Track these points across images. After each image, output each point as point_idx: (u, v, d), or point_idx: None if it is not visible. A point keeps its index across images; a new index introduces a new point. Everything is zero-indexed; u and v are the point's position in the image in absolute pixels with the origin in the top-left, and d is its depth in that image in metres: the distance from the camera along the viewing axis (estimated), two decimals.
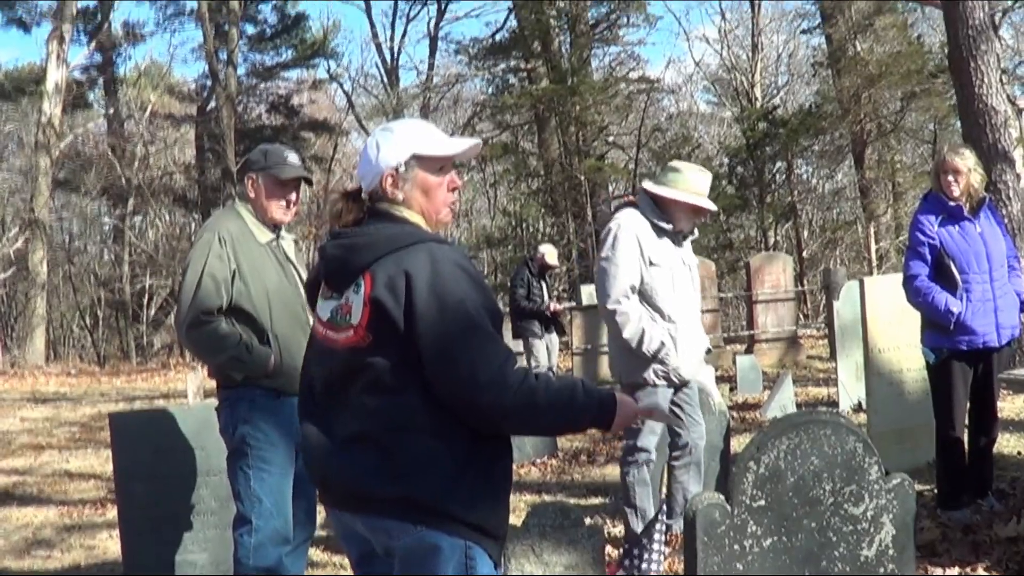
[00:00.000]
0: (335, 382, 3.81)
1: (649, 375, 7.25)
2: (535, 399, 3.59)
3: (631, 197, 7.71)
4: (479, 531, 3.67)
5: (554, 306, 16.35)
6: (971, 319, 7.50)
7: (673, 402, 7.46)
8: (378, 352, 3.67)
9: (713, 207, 7.62)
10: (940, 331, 7.60)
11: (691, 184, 7.35)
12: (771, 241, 38.41)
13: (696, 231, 7.80)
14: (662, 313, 7.26)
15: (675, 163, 7.74)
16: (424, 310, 3.58)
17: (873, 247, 29.92)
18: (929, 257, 7.63)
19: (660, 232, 7.33)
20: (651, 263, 7.23)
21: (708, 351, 7.88)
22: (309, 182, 6.70)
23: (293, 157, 6.38)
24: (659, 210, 7.36)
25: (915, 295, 7.68)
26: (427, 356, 3.59)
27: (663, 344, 7.16)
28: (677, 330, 7.28)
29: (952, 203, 7.64)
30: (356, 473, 3.69)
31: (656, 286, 7.24)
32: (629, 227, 7.27)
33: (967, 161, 7.71)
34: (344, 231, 3.86)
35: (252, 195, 6.22)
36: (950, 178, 7.66)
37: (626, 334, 7.15)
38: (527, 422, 3.72)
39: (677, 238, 7.45)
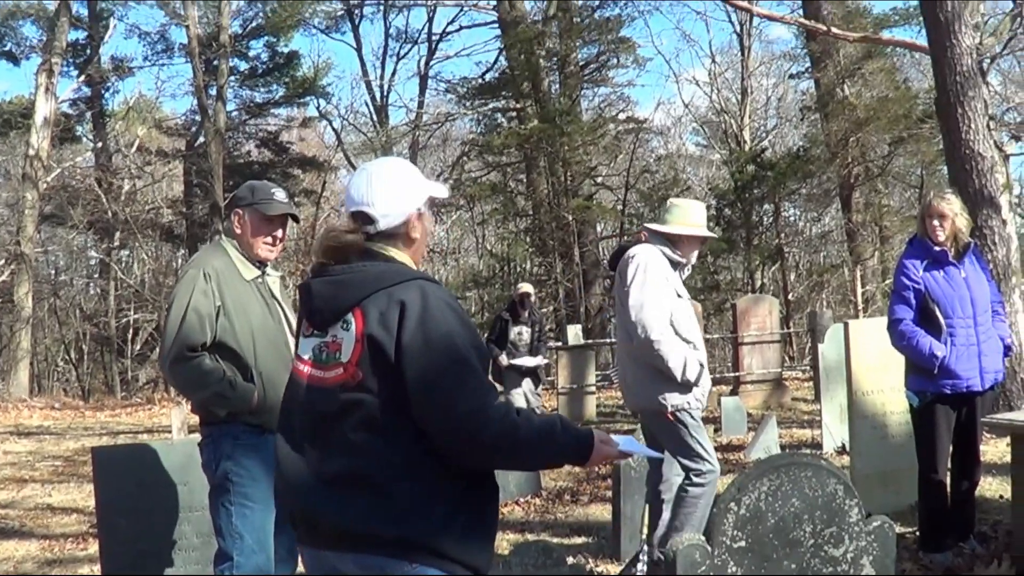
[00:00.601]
0: (322, 420, 3.77)
1: (691, 401, 7.38)
2: (516, 434, 3.61)
3: (642, 236, 7.81)
4: (471, 568, 3.69)
5: (508, 362, 15.85)
6: (955, 363, 7.53)
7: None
8: (370, 389, 3.67)
9: (714, 235, 7.81)
10: (924, 375, 7.62)
11: (694, 217, 7.64)
12: (758, 283, 38.48)
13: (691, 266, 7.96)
14: (692, 342, 7.45)
15: (673, 200, 7.98)
16: (410, 342, 3.60)
17: (859, 290, 29.99)
18: (914, 301, 7.67)
19: (675, 265, 7.59)
20: (677, 295, 7.46)
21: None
22: (296, 219, 6.71)
23: (280, 194, 6.39)
24: (671, 244, 7.57)
25: (900, 339, 7.71)
26: (412, 387, 3.59)
27: (702, 367, 7.37)
28: (701, 358, 7.47)
29: (937, 248, 7.68)
30: (351, 513, 3.65)
31: (680, 317, 7.43)
32: (656, 261, 7.45)
33: (953, 206, 7.75)
34: (331, 268, 3.84)
35: (238, 231, 6.24)
36: (936, 222, 7.70)
37: (672, 363, 7.25)
38: (508, 456, 3.74)
39: (680, 271, 7.67)
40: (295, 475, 3.81)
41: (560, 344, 24.48)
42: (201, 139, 41.99)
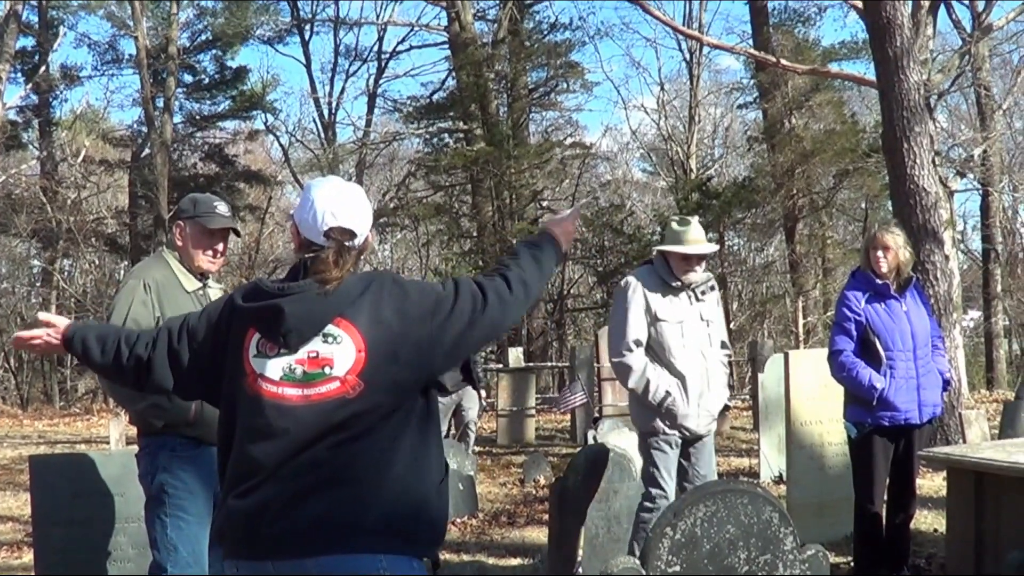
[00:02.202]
0: (318, 437, 3.72)
1: (658, 425, 7.51)
2: (527, 287, 4.00)
3: (650, 259, 7.93)
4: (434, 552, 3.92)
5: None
6: (894, 396, 7.59)
7: (681, 456, 7.67)
8: (370, 398, 3.71)
9: (706, 252, 7.79)
10: (863, 406, 7.68)
11: (681, 236, 7.64)
12: None
13: (716, 286, 8.03)
14: (670, 368, 7.50)
15: (672, 219, 8.09)
16: (420, 310, 3.79)
17: (801, 321, 30.11)
18: (855, 333, 7.73)
19: (670, 288, 7.65)
20: (657, 318, 7.51)
21: (726, 408, 8.03)
22: (237, 233, 6.69)
23: (223, 207, 6.39)
24: (668, 267, 7.65)
25: (839, 370, 7.77)
26: (453, 333, 3.83)
27: (668, 394, 7.41)
28: (688, 383, 7.50)
29: (880, 281, 7.75)
30: (336, 513, 3.67)
31: (663, 341, 7.52)
32: (636, 284, 7.61)
33: (898, 238, 7.83)
34: (291, 286, 3.83)
35: (180, 243, 6.24)
36: (879, 254, 7.77)
37: (630, 383, 7.46)
38: (531, 298, 4.06)
39: (695, 293, 7.69)
40: (258, 505, 3.74)
41: (501, 366, 24.48)
42: (147, 151, 41.74)
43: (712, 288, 7.85)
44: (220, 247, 6.36)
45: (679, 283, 7.60)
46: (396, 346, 3.72)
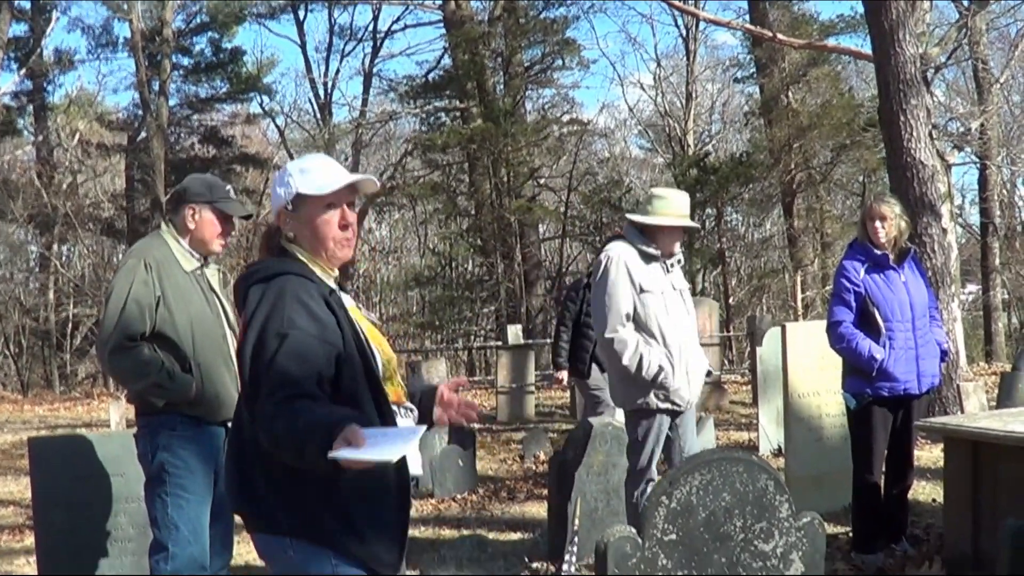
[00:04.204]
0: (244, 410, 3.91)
1: (651, 400, 7.43)
2: (274, 427, 3.62)
3: (618, 230, 7.86)
4: (344, 553, 3.86)
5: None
6: (893, 366, 7.60)
7: (670, 427, 7.62)
8: (241, 376, 3.86)
9: (696, 225, 7.78)
10: (862, 377, 7.69)
11: (675, 208, 7.59)
12: (699, 287, 38.54)
13: (683, 257, 7.94)
14: (657, 338, 7.43)
15: (656, 190, 7.96)
16: (247, 331, 3.78)
17: (799, 296, 30.10)
18: (854, 304, 7.73)
19: (649, 259, 7.54)
20: (642, 290, 7.43)
21: (709, 374, 8.00)
22: (250, 217, 6.75)
23: (232, 192, 6.47)
24: (645, 237, 7.57)
25: (839, 341, 7.77)
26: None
27: (661, 368, 7.35)
28: (674, 353, 7.44)
29: (878, 252, 7.74)
30: (239, 496, 3.96)
31: (649, 312, 7.44)
32: (618, 257, 7.49)
33: (894, 208, 7.83)
34: (250, 264, 4.05)
35: (191, 226, 6.24)
36: (877, 224, 7.76)
37: (625, 360, 7.34)
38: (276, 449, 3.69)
39: (666, 264, 7.62)
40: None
41: (500, 344, 24.52)
42: (143, 134, 41.66)
43: (679, 261, 7.84)
44: (230, 231, 6.41)
45: (658, 253, 7.56)
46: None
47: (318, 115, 46.14)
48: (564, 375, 12.49)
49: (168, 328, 5.99)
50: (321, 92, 46.33)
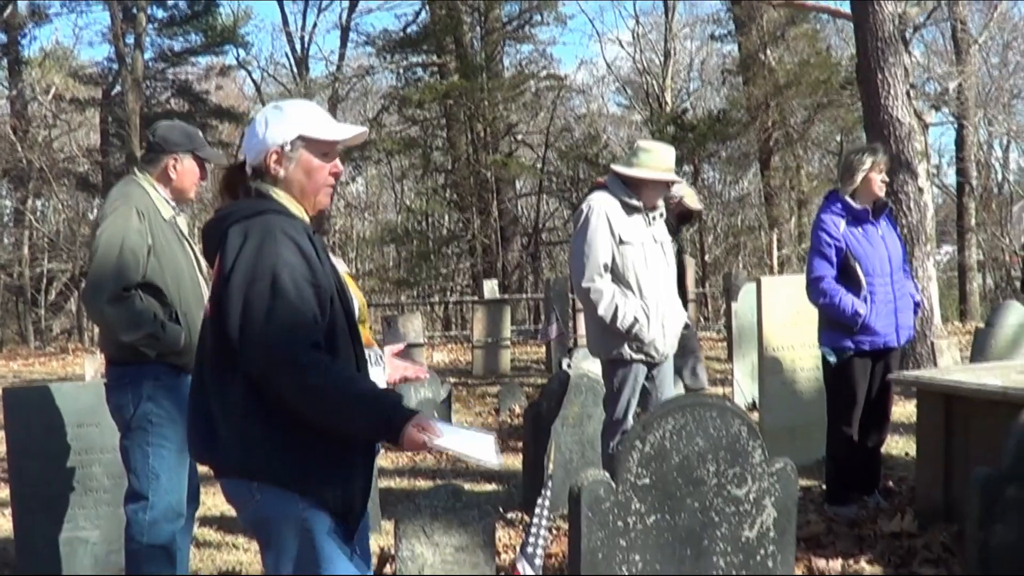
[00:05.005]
0: (200, 356, 3.95)
1: (625, 351, 7.45)
2: (306, 378, 3.65)
3: (601, 180, 7.83)
4: (314, 496, 3.86)
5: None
6: (874, 320, 7.64)
7: (647, 378, 7.64)
8: (215, 323, 3.82)
9: (680, 180, 7.78)
10: (842, 331, 7.72)
11: (661, 161, 7.57)
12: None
13: (664, 210, 7.93)
14: (635, 290, 7.44)
15: (643, 143, 7.93)
16: (232, 272, 3.74)
17: (775, 253, 30.15)
18: (835, 259, 7.73)
19: (631, 210, 7.54)
20: (622, 241, 7.43)
21: (687, 326, 7.99)
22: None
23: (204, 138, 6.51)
24: (629, 189, 7.56)
25: (821, 296, 7.76)
26: (230, 318, 3.73)
27: (636, 320, 7.36)
28: (651, 306, 7.45)
29: (858, 206, 7.75)
30: (206, 444, 3.92)
31: (628, 264, 7.44)
32: (599, 207, 7.48)
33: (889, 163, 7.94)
34: (220, 207, 3.97)
35: (173, 176, 6.23)
36: (882, 179, 7.80)
37: (600, 311, 7.35)
38: (300, 400, 3.70)
39: (647, 216, 7.61)
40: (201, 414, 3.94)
41: (476, 299, 24.58)
42: (118, 88, 41.41)
43: (662, 214, 7.84)
44: (205, 177, 6.42)
45: (640, 205, 7.56)
46: (222, 283, 3.80)
47: (294, 69, 45.88)
48: None
49: (157, 278, 5.95)
50: (298, 46, 46.11)
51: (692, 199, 11.49)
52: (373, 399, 3.68)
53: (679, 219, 11.47)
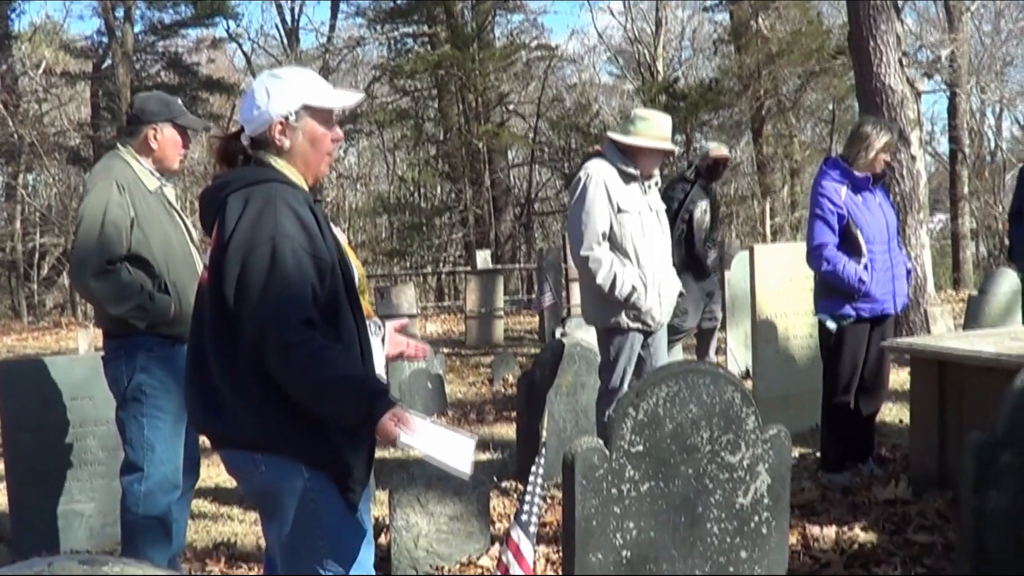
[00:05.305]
0: (197, 325, 3.92)
1: (622, 320, 7.46)
2: (289, 355, 3.63)
3: (598, 148, 7.82)
4: (316, 464, 3.86)
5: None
6: (875, 287, 7.65)
7: (642, 346, 7.64)
8: (212, 291, 3.79)
9: (676, 148, 7.80)
10: (842, 298, 7.72)
11: (658, 130, 7.55)
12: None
13: (659, 178, 7.94)
14: (632, 258, 7.44)
15: (637, 111, 7.94)
16: (231, 240, 3.71)
17: (768, 222, 30.09)
18: (836, 226, 7.72)
19: (628, 179, 7.52)
20: (620, 209, 7.42)
21: (681, 295, 8.00)
22: (209, 130, 6.75)
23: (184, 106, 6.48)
24: (626, 157, 7.54)
25: (824, 263, 7.73)
26: (227, 283, 3.70)
27: (634, 288, 7.36)
28: (648, 274, 7.45)
29: (860, 175, 7.74)
30: (207, 415, 3.90)
31: (625, 232, 7.43)
32: (597, 175, 7.46)
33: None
34: (218, 176, 3.96)
35: (154, 146, 6.22)
36: (887, 157, 7.83)
37: (599, 279, 7.35)
38: (283, 375, 3.69)
39: (643, 185, 7.60)
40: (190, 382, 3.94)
41: (469, 269, 24.60)
42: (108, 61, 41.28)
43: (657, 183, 7.82)
44: (188, 145, 6.41)
45: (637, 173, 7.54)
46: (221, 251, 3.77)
47: (285, 41, 45.80)
48: None
49: (143, 249, 5.96)
50: (288, 17, 45.99)
51: (717, 148, 11.96)
52: (357, 384, 3.66)
53: (709, 174, 11.86)
